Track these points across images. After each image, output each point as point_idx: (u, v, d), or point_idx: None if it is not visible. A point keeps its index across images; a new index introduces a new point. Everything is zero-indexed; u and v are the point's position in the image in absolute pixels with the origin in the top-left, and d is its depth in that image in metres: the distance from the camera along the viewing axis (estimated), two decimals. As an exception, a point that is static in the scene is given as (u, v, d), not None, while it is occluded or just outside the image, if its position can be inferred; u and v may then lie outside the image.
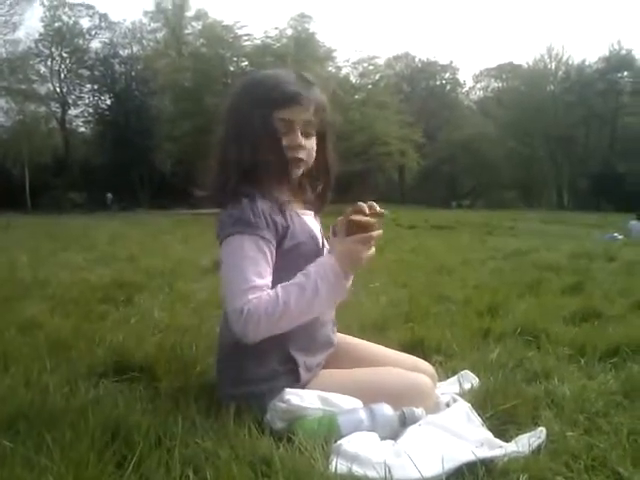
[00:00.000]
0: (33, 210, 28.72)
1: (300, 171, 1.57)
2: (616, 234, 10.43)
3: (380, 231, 1.46)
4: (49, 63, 39.80)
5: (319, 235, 1.64)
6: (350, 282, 1.53)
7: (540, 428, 1.44)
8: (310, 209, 1.67)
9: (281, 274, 1.44)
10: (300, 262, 1.48)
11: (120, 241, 8.62)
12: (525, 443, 1.37)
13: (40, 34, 38.66)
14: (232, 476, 1.16)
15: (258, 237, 1.42)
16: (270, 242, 1.44)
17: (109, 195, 33.63)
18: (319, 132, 1.57)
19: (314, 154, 1.57)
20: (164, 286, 4.00)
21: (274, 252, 1.46)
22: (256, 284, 1.38)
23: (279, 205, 1.50)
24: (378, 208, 1.48)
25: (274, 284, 1.42)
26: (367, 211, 1.46)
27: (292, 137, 1.51)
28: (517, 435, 1.44)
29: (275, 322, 1.37)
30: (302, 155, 1.54)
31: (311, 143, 1.56)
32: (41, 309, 3.09)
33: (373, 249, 1.47)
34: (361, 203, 1.48)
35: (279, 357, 1.53)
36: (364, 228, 1.44)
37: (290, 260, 1.48)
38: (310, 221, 1.64)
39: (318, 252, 1.57)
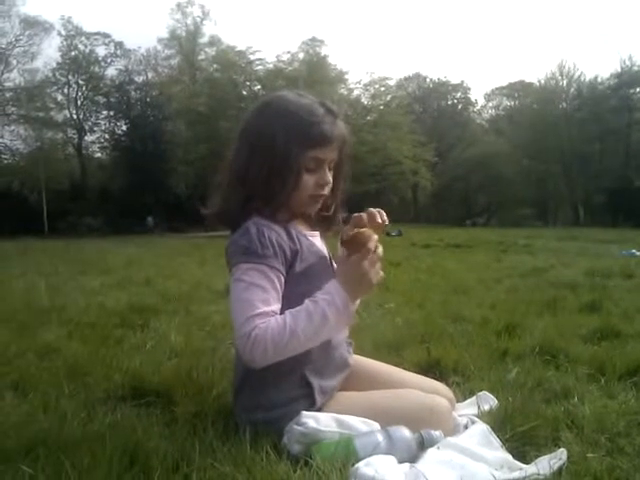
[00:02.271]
0: (50, 235, 29.02)
1: (319, 205, 1.59)
2: (634, 250, 10.28)
3: (375, 237, 1.46)
4: (66, 91, 40.53)
5: (327, 255, 1.65)
6: (357, 305, 1.53)
7: (561, 449, 1.42)
8: (317, 229, 1.68)
9: (295, 297, 1.44)
10: (313, 284, 1.48)
11: (136, 265, 8.67)
12: (545, 465, 1.35)
13: (57, 63, 39.48)
14: (250, 501, 1.15)
15: (266, 266, 1.42)
16: (278, 270, 1.44)
17: (149, 218, 33.64)
18: (336, 161, 1.59)
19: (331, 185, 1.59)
20: (180, 310, 4.01)
21: (282, 280, 1.46)
22: (263, 311, 1.38)
23: (287, 230, 1.52)
24: (378, 216, 1.48)
25: (288, 308, 1.42)
26: (366, 221, 1.47)
27: (322, 174, 1.53)
28: (537, 457, 1.42)
29: (282, 348, 1.37)
30: (327, 191, 1.56)
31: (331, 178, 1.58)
32: (59, 334, 3.12)
33: (380, 269, 1.46)
34: (357, 214, 1.50)
35: (295, 381, 1.52)
36: (361, 243, 1.44)
37: (303, 283, 1.48)
38: (317, 242, 1.65)
39: (329, 272, 1.58)
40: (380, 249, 1.47)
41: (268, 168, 1.49)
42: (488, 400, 1.84)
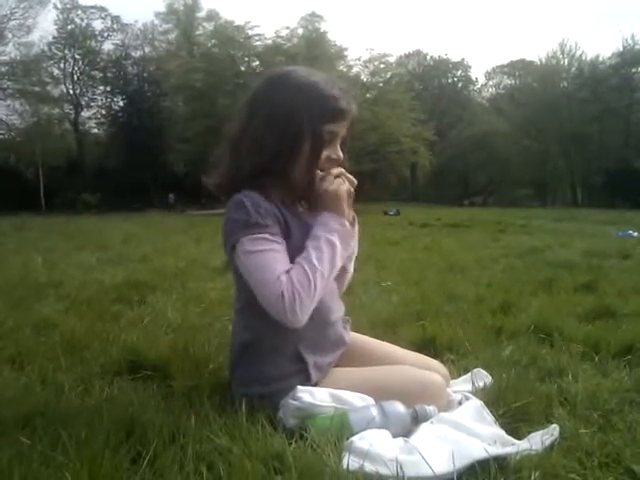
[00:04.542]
0: (47, 211, 28.97)
1: None
2: (631, 231, 10.31)
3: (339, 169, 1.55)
4: (62, 65, 40.18)
5: None
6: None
7: (553, 425, 1.44)
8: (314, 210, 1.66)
9: None
10: None
11: (133, 241, 8.66)
12: (538, 440, 1.37)
13: (53, 37, 39.12)
14: (245, 472, 1.17)
15: (269, 234, 1.43)
16: (280, 235, 1.46)
17: (171, 195, 33.35)
18: (342, 140, 1.58)
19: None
20: (177, 286, 4.02)
21: (285, 243, 1.48)
22: (283, 270, 1.40)
23: (279, 209, 1.51)
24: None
25: None
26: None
27: (333, 149, 1.54)
28: (530, 433, 1.43)
29: (313, 290, 1.40)
30: (335, 167, 1.56)
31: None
32: (56, 309, 3.13)
33: (338, 182, 1.53)
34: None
35: (290, 357, 1.54)
36: None
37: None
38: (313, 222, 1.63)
39: None
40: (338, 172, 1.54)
41: (284, 139, 1.48)
42: (482, 377, 1.85)
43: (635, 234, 10.00)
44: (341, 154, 1.56)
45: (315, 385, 1.55)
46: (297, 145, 1.49)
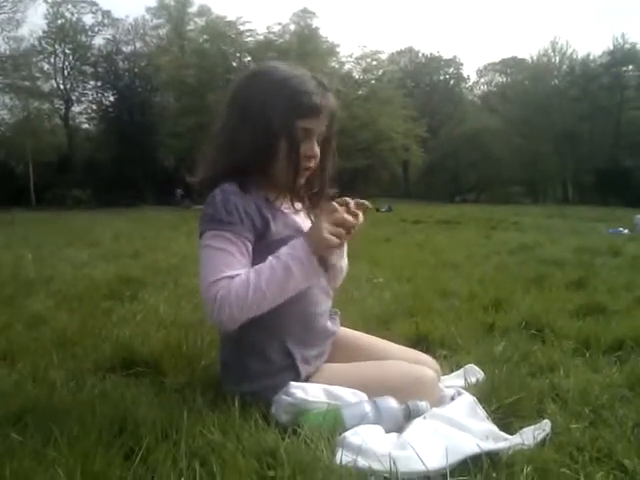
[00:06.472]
0: (37, 207, 28.77)
1: (303, 179, 1.57)
2: (621, 228, 10.39)
3: (350, 219, 1.43)
4: (52, 60, 39.75)
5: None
6: (342, 260, 1.63)
7: (545, 421, 1.45)
8: (303, 207, 1.65)
9: None
10: None
11: (124, 237, 8.62)
12: (530, 436, 1.38)
13: (43, 31, 38.67)
14: (238, 467, 1.16)
15: (230, 233, 1.41)
16: (244, 237, 1.44)
17: (179, 190, 32.49)
18: (325, 136, 1.56)
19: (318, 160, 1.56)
20: (169, 282, 4.00)
21: (250, 247, 1.45)
22: (228, 274, 1.37)
23: (256, 203, 1.49)
24: (352, 205, 1.47)
25: None
26: (353, 206, 1.46)
27: (310, 146, 1.51)
28: (522, 428, 1.44)
29: (248, 305, 1.36)
30: (313, 164, 1.54)
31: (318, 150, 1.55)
32: (47, 305, 3.11)
33: (341, 234, 1.41)
34: (345, 198, 1.48)
35: (277, 352, 1.54)
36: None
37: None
38: (299, 218, 1.61)
39: None
40: (350, 218, 1.43)
41: (258, 136, 1.47)
42: (475, 373, 1.86)
43: (625, 231, 10.08)
44: (317, 152, 1.53)
45: (306, 380, 1.55)
46: (271, 142, 1.47)
